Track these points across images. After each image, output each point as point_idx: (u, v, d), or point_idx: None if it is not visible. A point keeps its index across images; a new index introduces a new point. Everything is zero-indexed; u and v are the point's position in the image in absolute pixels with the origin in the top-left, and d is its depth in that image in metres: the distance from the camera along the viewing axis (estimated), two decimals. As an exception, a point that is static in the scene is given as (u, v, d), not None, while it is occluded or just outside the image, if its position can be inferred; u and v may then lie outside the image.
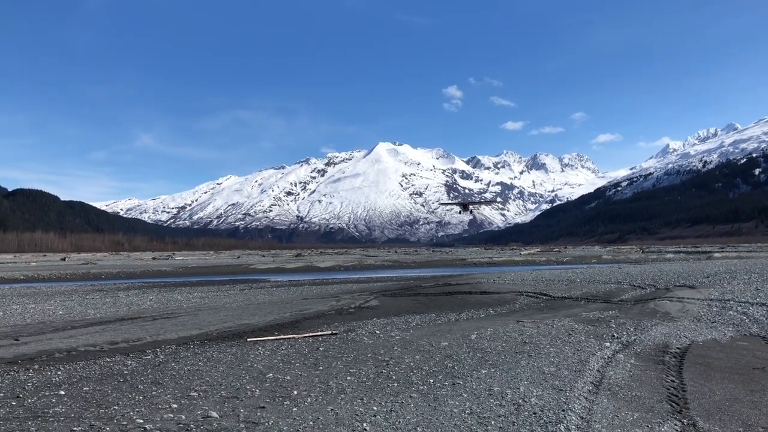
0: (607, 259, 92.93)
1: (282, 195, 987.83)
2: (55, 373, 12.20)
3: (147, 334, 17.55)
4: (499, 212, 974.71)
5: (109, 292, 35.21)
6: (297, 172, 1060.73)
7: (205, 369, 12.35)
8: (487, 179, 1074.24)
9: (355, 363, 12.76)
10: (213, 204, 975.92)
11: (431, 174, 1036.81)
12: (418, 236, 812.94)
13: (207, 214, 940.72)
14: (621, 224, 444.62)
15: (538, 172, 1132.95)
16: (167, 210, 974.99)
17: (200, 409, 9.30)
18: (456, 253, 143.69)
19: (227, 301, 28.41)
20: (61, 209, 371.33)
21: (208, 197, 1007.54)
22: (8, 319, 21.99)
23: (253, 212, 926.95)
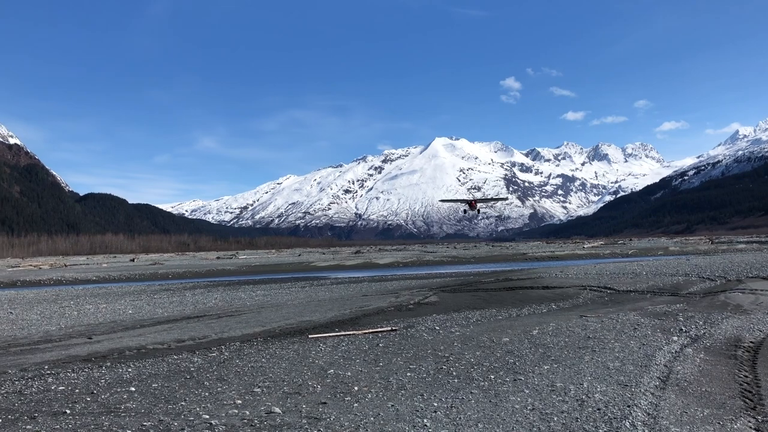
0: (674, 250, 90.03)
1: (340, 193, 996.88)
2: (126, 370, 12.66)
3: (212, 332, 18.01)
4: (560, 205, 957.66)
5: (176, 292, 36.27)
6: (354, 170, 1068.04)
7: (268, 365, 12.59)
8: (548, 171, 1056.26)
9: (415, 359, 12.77)
10: (274, 203, 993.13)
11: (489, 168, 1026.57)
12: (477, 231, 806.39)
13: (268, 214, 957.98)
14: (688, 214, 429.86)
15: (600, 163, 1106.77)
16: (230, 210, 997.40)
17: (264, 404, 9.49)
18: (516, 247, 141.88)
19: (289, 299, 28.86)
20: (130, 212, 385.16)
21: (269, 197, 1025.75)
22: (82, 319, 22.93)
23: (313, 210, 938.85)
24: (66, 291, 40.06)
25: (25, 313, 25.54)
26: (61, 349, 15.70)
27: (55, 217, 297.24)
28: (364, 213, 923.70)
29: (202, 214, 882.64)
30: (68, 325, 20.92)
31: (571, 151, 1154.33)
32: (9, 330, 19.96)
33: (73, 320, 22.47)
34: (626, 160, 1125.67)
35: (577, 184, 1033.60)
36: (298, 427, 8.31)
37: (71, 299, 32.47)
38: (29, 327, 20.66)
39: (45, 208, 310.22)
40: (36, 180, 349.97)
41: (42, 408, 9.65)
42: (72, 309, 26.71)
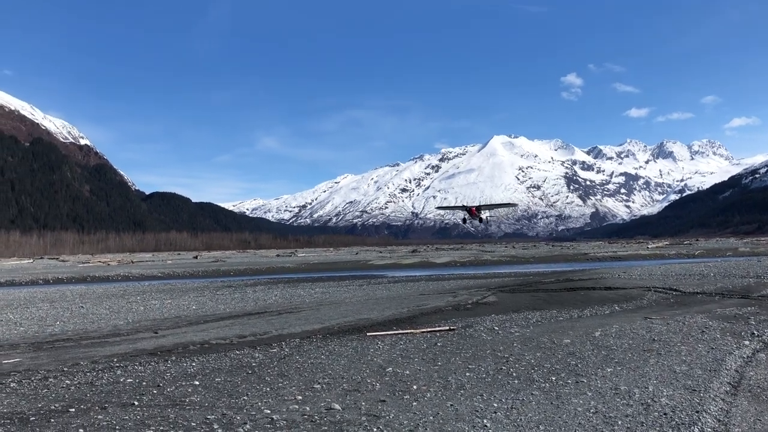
0: (745, 251, 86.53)
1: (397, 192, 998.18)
2: (190, 364, 12.99)
3: (273, 328, 18.32)
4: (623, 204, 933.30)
5: (237, 288, 37.05)
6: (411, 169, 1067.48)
7: (327, 362, 12.72)
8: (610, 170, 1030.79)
9: (474, 359, 12.67)
10: (332, 202, 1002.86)
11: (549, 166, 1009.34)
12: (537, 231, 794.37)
13: (326, 212, 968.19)
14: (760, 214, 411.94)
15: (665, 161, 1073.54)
16: (289, 209, 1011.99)
17: (324, 401, 9.58)
18: (577, 247, 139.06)
19: (347, 297, 29.09)
20: (193, 210, 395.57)
21: (327, 196, 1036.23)
22: (148, 314, 23.68)
23: (370, 209, 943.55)
24: (133, 287, 41.44)
25: (95, 307, 26.54)
26: (128, 343, 16.25)
27: (122, 215, 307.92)
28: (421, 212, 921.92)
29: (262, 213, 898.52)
30: (135, 320, 21.63)
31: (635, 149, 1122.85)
32: (81, 324, 20.79)
33: (140, 315, 23.23)
34: (692, 157, 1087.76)
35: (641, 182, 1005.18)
36: (358, 424, 8.36)
37: (138, 295, 33.57)
38: (99, 321, 21.47)
39: (113, 207, 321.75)
40: (105, 179, 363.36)
41: (112, 399, 10.01)
42: (139, 304, 27.61)
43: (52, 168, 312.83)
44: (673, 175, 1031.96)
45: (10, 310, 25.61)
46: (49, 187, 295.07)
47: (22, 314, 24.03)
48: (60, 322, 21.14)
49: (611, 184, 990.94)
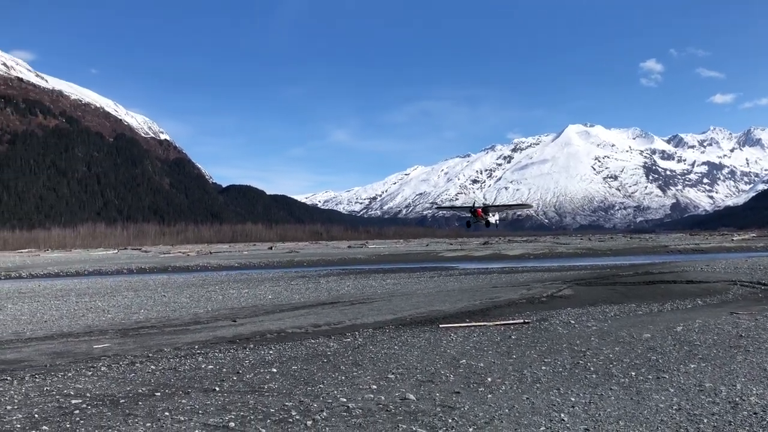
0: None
1: (468, 183, 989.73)
2: (268, 352, 13.33)
3: (346, 318, 18.56)
4: (706, 194, 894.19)
5: (311, 279, 37.71)
6: (482, 160, 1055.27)
7: (400, 353, 12.78)
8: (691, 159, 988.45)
9: (550, 352, 12.46)
10: (402, 194, 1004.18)
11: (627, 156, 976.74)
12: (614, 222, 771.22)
13: (396, 204, 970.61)
14: None
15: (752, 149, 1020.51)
16: (360, 201, 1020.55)
17: (398, 391, 9.64)
18: (657, 239, 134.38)
19: (418, 288, 29.13)
20: (267, 202, 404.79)
21: (397, 187, 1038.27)
22: (227, 303, 24.42)
23: (440, 201, 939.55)
24: (211, 276, 42.82)
25: (176, 296, 27.58)
26: (208, 331, 16.81)
27: (200, 207, 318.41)
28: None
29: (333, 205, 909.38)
30: (214, 309, 22.35)
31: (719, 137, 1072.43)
32: (163, 312, 21.65)
33: (219, 304, 23.99)
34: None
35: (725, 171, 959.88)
36: (433, 414, 8.37)
37: (216, 284, 34.67)
38: (180, 309, 22.30)
39: (191, 199, 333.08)
40: (183, 173, 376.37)
41: (194, 384, 10.39)
42: (217, 293, 28.51)
43: (134, 162, 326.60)
44: (761, 164, 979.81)
45: (99, 298, 26.94)
46: (132, 181, 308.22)
47: (109, 302, 25.24)
48: (144, 310, 22.08)
49: (693, 174, 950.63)
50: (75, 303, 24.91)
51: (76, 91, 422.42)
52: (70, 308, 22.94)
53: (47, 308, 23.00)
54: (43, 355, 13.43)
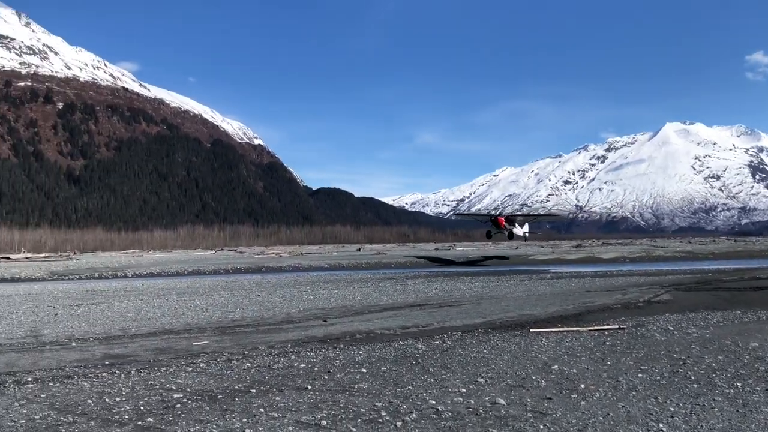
0: None
1: (559, 184, 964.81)
2: (357, 352, 13.53)
3: (434, 321, 18.56)
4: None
5: (398, 281, 37.92)
6: (575, 160, 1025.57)
7: (490, 357, 12.66)
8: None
9: (647, 360, 11.99)
10: (490, 195, 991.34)
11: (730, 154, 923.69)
12: (716, 224, 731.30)
13: (484, 206, 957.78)
14: None
15: None
16: (447, 203, 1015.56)
17: (488, 395, 9.55)
18: (764, 242, 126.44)
19: (508, 291, 28.73)
20: (356, 204, 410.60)
21: (485, 189, 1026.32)
22: (317, 303, 24.94)
23: (530, 203, 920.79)
24: (302, 277, 43.85)
25: (270, 296, 28.42)
26: (300, 330, 17.24)
27: (291, 210, 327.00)
28: (586, 205, 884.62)
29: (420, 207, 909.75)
30: (306, 309, 22.88)
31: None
32: (257, 311, 22.37)
33: (310, 304, 24.54)
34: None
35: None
36: (524, 420, 8.24)
37: (307, 285, 35.47)
38: (273, 309, 22.96)
39: (284, 202, 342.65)
40: (276, 176, 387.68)
41: (287, 382, 10.69)
42: (308, 294, 29.18)
43: (230, 167, 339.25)
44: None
45: (198, 297, 28.15)
46: (228, 185, 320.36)
47: (207, 301, 26.33)
48: (240, 309, 22.89)
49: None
50: (176, 301, 26.14)
51: (176, 99, 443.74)
52: (171, 306, 24.09)
53: (150, 306, 24.25)
54: (147, 351, 14.19)
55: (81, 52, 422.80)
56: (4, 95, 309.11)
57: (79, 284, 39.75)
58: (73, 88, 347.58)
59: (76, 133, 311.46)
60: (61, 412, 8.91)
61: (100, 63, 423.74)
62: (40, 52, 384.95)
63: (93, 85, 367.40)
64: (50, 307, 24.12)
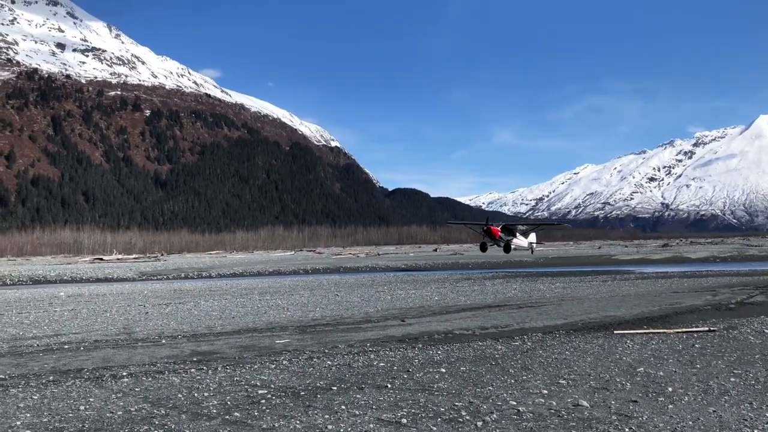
0: None
1: (644, 181, 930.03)
2: (436, 352, 13.54)
3: (513, 321, 18.33)
4: None
5: (476, 281, 37.62)
6: (660, 156, 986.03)
7: (572, 358, 12.40)
8: None
9: (740, 363, 11.46)
10: (570, 194, 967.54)
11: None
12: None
13: (565, 205, 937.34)
14: None
15: None
16: (525, 202, 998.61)
17: (570, 397, 9.38)
18: None
19: (590, 292, 28.01)
20: (432, 205, 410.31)
21: (565, 188, 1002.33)
22: (395, 303, 25.08)
23: (613, 201, 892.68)
24: (380, 277, 44.16)
25: (348, 295, 28.80)
26: (379, 330, 17.40)
27: (368, 211, 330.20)
28: (672, 203, 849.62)
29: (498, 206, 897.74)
30: (383, 308, 23.06)
31: None
32: (336, 310, 22.72)
33: (388, 304, 24.70)
34: None
35: None
36: (608, 422, 8.05)
37: (384, 285, 35.71)
38: (352, 308, 23.25)
39: (360, 203, 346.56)
40: (352, 178, 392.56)
41: (367, 380, 10.83)
42: (386, 294, 29.37)
43: (308, 169, 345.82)
44: None
45: (279, 296, 28.85)
46: (306, 186, 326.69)
47: (288, 300, 26.94)
48: (319, 308, 23.31)
49: None
50: (258, 301, 26.88)
51: (256, 104, 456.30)
52: (253, 305, 24.80)
53: (234, 305, 25.04)
54: (232, 348, 14.68)
55: (166, 61, 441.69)
56: (97, 104, 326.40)
57: (166, 284, 41.47)
58: (159, 96, 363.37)
59: (162, 139, 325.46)
60: (155, 405, 9.36)
61: (184, 71, 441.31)
62: (129, 62, 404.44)
63: (178, 92, 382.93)
64: (141, 306, 25.30)
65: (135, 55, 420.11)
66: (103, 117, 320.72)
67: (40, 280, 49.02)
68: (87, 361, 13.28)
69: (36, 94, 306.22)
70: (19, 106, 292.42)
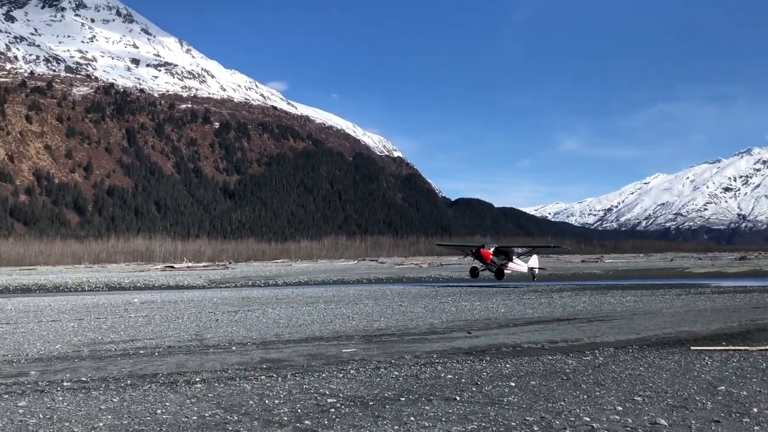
0: None
1: (718, 191, 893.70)
2: (504, 365, 13.32)
3: (584, 335, 17.89)
4: None
5: (542, 293, 36.93)
6: (736, 165, 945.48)
7: (647, 374, 12.00)
8: None
9: (831, 385, 10.81)
10: (640, 204, 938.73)
11: None
12: None
13: (634, 215, 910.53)
14: None
15: None
16: (593, 212, 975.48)
17: (646, 414, 9.05)
18: None
19: (663, 306, 27.07)
20: (496, 215, 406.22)
21: (634, 198, 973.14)
22: (460, 314, 24.86)
23: (685, 212, 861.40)
24: (444, 289, 43.93)
25: (412, 306, 28.73)
26: (445, 341, 17.27)
27: (430, 221, 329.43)
28: (749, 214, 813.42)
29: (564, 217, 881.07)
30: (448, 320, 22.89)
31: None
32: (401, 320, 22.69)
33: (452, 315, 24.51)
34: None
35: None
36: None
37: (449, 296, 35.49)
38: (416, 319, 23.17)
39: (422, 213, 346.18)
40: (414, 188, 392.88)
41: (435, 392, 10.74)
42: (450, 305, 29.16)
43: (370, 179, 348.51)
44: None
45: (343, 305, 29.06)
46: (368, 196, 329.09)
47: (352, 309, 27.10)
48: (384, 318, 23.34)
49: None
50: (323, 309, 27.14)
51: (320, 116, 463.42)
52: (319, 314, 25.06)
53: (300, 313, 25.35)
54: (300, 356, 14.85)
55: (234, 75, 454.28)
56: (169, 117, 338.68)
57: (235, 292, 42.42)
58: (227, 108, 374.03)
59: (230, 151, 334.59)
60: (227, 411, 9.55)
61: (251, 84, 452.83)
62: (199, 76, 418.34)
63: (245, 105, 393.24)
64: (211, 313, 25.93)
65: (205, 69, 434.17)
66: (174, 129, 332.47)
67: (115, 286, 50.96)
68: (162, 366, 13.68)
69: (112, 108, 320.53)
70: (96, 119, 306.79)
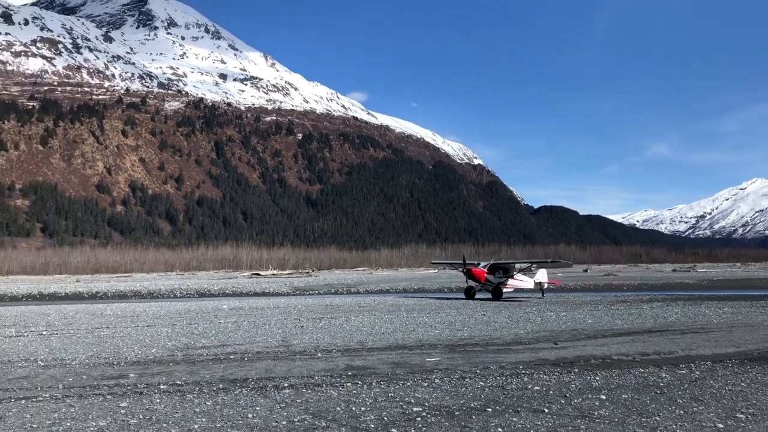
0: None
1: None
2: (594, 378, 12.93)
3: (678, 348, 17.14)
4: None
5: (632, 304, 35.64)
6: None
7: (749, 390, 11.37)
8: None
9: None
10: (736, 211, 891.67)
11: None
12: None
13: (730, 223, 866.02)
14: None
15: None
16: (684, 220, 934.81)
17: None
18: None
19: (765, 318, 25.57)
20: (581, 223, 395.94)
21: (730, 204, 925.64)
22: (545, 325, 24.31)
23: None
24: (527, 298, 43.11)
25: (495, 316, 28.38)
26: (531, 352, 16.93)
27: (512, 229, 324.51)
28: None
29: (653, 225, 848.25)
30: (534, 330, 22.43)
31: None
32: (485, 330, 22.44)
33: (537, 326, 24.01)
34: None
35: None
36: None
37: (532, 306, 34.83)
38: (500, 329, 22.84)
39: (504, 221, 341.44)
40: (496, 195, 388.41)
41: (523, 404, 10.55)
42: (535, 315, 28.60)
43: (450, 187, 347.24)
44: None
45: (425, 314, 29.03)
46: (448, 205, 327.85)
47: (434, 318, 27.02)
48: (467, 328, 23.14)
49: None
50: (405, 318, 27.19)
51: (400, 125, 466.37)
52: (402, 322, 25.12)
53: (383, 321, 25.49)
54: (384, 364, 14.92)
55: (317, 87, 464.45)
56: (254, 129, 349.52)
57: (319, 299, 43.14)
58: (310, 120, 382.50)
59: (313, 161, 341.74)
60: (315, 417, 9.72)
61: (332, 95, 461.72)
62: (283, 89, 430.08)
63: (327, 116, 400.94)
64: (296, 320, 26.48)
65: (288, 82, 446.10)
66: (259, 141, 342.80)
67: (205, 293, 52.88)
68: (251, 371, 14.07)
69: (201, 122, 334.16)
70: (187, 132, 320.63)
